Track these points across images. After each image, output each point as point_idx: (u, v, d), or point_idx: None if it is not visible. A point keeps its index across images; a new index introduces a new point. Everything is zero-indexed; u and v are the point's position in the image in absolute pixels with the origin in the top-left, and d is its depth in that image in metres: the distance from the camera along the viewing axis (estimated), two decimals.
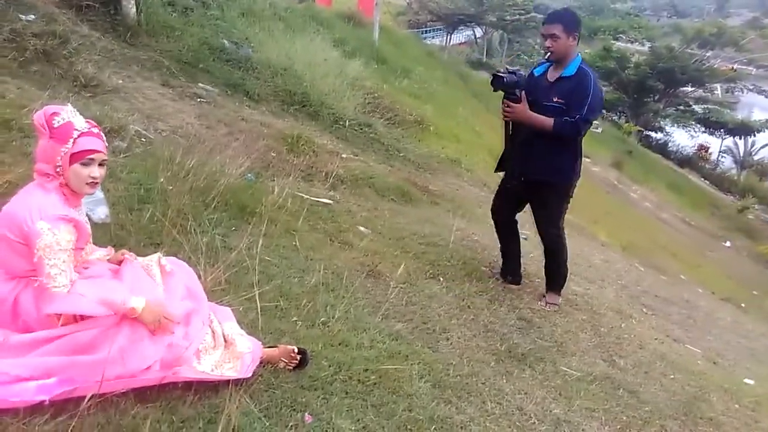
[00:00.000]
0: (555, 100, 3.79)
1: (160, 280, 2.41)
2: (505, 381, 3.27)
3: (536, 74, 4.01)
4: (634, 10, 51.38)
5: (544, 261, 4.37)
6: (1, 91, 4.39)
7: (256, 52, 8.52)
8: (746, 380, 4.61)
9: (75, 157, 2.09)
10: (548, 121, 3.76)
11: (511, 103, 3.81)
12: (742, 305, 9.26)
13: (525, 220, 4.72)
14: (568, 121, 3.72)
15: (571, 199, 4.16)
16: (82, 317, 2.09)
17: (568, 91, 3.77)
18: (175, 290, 2.40)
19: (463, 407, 2.90)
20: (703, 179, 28.51)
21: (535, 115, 3.80)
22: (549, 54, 3.83)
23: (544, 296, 4.39)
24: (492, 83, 3.87)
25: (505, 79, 3.77)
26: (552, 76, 3.88)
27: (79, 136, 2.08)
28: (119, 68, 5.97)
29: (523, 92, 3.79)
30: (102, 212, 3.36)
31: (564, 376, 3.51)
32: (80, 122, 2.11)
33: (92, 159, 2.12)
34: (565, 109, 3.75)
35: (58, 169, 2.09)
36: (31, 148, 3.19)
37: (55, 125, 2.07)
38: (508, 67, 3.99)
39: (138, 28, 6.78)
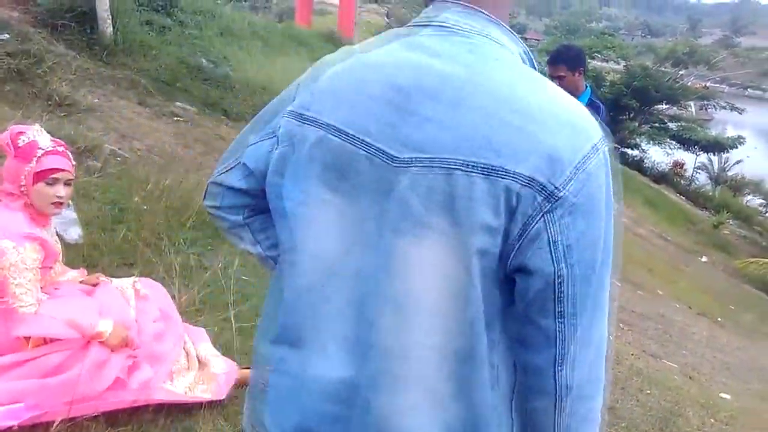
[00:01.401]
0: None
1: (133, 303, 2.39)
2: None
3: None
4: (608, 30, 52.30)
5: None
6: None
7: (235, 70, 8.54)
8: (722, 395, 4.66)
9: (39, 176, 2.06)
10: None
11: None
12: (719, 320, 9.35)
13: None
14: None
15: None
16: (52, 339, 2.06)
17: None
18: (148, 312, 2.37)
19: None
20: (678, 195, 28.89)
21: None
22: None
23: None
24: None
25: None
26: None
27: (43, 155, 2.06)
28: (95, 87, 5.93)
29: None
30: (75, 233, 3.32)
31: None
32: (45, 141, 2.09)
33: (57, 178, 2.10)
34: None
35: (22, 189, 2.06)
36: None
37: (20, 144, 2.05)
38: None
39: (114, 47, 6.76)
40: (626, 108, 32.08)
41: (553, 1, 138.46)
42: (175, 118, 6.30)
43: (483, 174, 0.75)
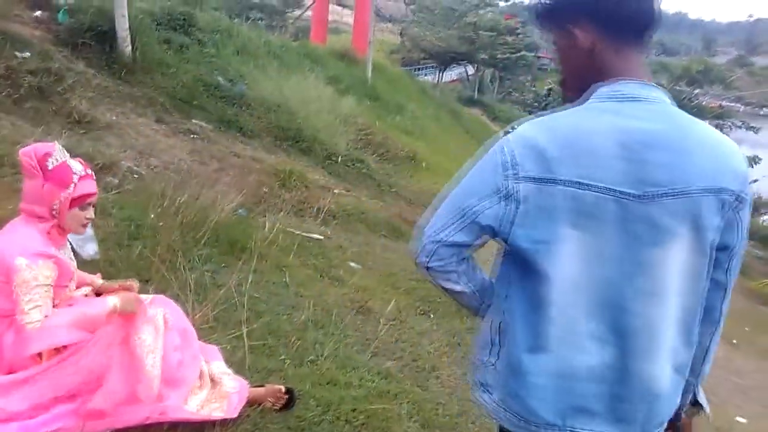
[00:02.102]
0: None
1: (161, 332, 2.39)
2: None
3: None
4: None
5: None
6: None
7: (251, 89, 8.63)
8: (738, 418, 4.59)
9: (75, 202, 2.09)
10: None
11: None
12: (734, 342, 9.22)
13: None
14: None
15: None
16: (65, 347, 2.07)
17: None
18: (169, 341, 2.36)
19: None
20: None
21: None
22: None
23: None
24: None
25: None
26: None
27: (78, 180, 2.09)
28: (113, 105, 6.02)
29: None
30: (91, 249, 3.36)
31: None
32: (76, 165, 2.12)
33: (89, 202, 2.14)
34: None
35: (53, 212, 2.08)
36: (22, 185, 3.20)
37: (50, 167, 2.05)
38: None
39: (133, 65, 6.87)
40: None
41: None
42: (192, 136, 6.37)
43: (710, 194, 1.18)
